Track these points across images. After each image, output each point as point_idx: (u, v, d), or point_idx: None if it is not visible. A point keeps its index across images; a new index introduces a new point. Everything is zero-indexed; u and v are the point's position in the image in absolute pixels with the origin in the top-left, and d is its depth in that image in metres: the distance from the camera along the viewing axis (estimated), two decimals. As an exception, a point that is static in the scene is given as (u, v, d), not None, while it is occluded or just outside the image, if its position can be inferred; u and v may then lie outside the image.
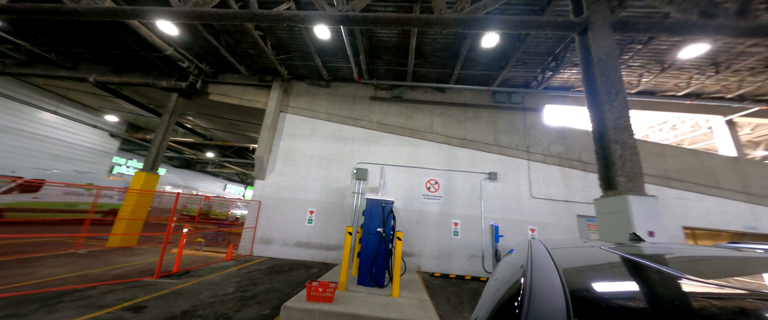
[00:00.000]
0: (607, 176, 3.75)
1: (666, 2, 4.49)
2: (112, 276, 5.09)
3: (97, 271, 5.37)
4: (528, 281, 0.57)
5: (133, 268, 5.78)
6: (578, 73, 8.61)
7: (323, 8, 4.69)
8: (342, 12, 4.66)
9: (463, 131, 9.17)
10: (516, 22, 4.58)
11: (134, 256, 6.93)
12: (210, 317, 3.65)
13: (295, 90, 9.98)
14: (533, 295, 0.49)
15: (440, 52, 8.07)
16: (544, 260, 0.71)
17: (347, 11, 4.66)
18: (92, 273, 5.25)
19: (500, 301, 0.59)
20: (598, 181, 7.81)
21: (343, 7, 4.72)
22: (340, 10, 4.67)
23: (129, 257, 6.82)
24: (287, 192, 8.76)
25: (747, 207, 8.03)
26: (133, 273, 5.43)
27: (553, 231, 7.98)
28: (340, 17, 4.65)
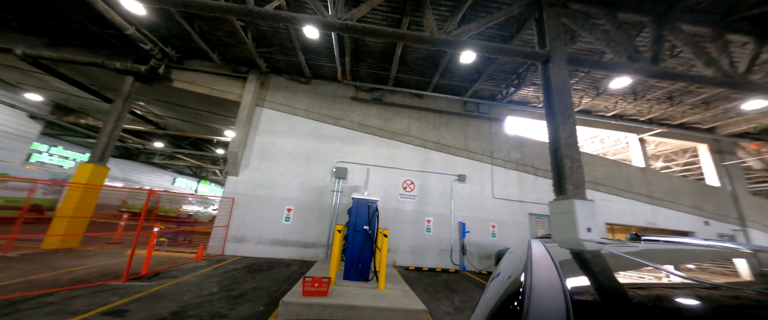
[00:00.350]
0: (559, 183, 4.66)
1: (605, 45, 5.62)
2: (68, 281, 4.59)
3: (45, 276, 4.77)
4: (528, 281, 0.58)
5: (89, 272, 5.23)
6: (535, 92, 9.95)
7: (322, 14, 4.83)
8: (341, 20, 4.86)
9: (438, 135, 9.93)
10: (493, 48, 5.30)
11: (83, 259, 6.19)
12: (204, 316, 3.64)
13: (273, 84, 9.69)
14: (533, 295, 0.50)
15: (421, 62, 8.64)
16: (544, 260, 0.72)
17: (346, 20, 4.88)
18: (40, 278, 4.66)
19: (500, 301, 0.60)
20: (546, 184, 9.14)
21: (342, 15, 4.92)
22: (340, 18, 4.87)
23: (76, 260, 6.08)
24: (263, 189, 8.55)
25: (650, 208, 10.22)
26: (91, 276, 4.94)
27: (509, 228, 9.17)
28: (340, 25, 4.85)
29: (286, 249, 8.13)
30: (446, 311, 4.57)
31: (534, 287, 0.53)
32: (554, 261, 0.69)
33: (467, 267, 8.51)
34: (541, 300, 0.47)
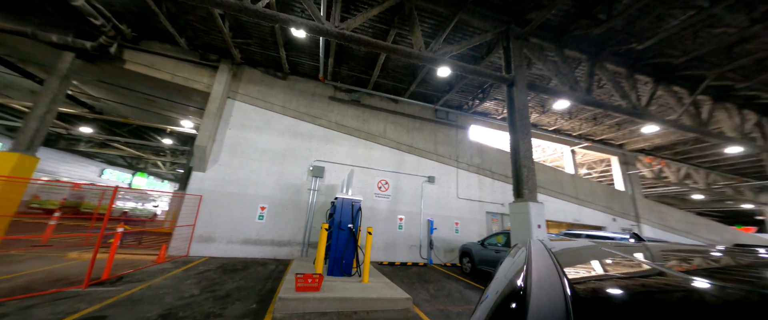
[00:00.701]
0: (518, 188, 5.63)
1: (554, 74, 6.84)
2: (9, 290, 4.01)
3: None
4: (528, 281, 0.58)
5: (31, 279, 4.58)
6: (495, 105, 11.31)
7: (320, 22, 5.00)
8: (338, 29, 5.09)
9: (411, 139, 10.63)
10: (470, 69, 6.07)
11: (11, 265, 5.31)
12: (198, 316, 3.62)
13: (246, 76, 9.25)
14: (533, 295, 0.50)
15: (401, 70, 9.19)
16: (544, 260, 0.72)
17: (343, 29, 5.13)
18: (-31, 288, 3.97)
19: (500, 301, 0.60)
20: (500, 187, 10.46)
21: (338, 24, 5.15)
22: (337, 27, 5.09)
23: (3, 267, 5.19)
24: (235, 186, 8.19)
25: (576, 207, 12.45)
26: (38, 284, 4.35)
27: (470, 225, 10.34)
28: (337, 34, 5.08)
29: (260, 248, 7.96)
30: (424, 298, 5.19)
31: (534, 287, 0.54)
32: (554, 261, 0.70)
33: (434, 260, 9.39)
34: (542, 300, 0.47)
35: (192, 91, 8.88)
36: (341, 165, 9.42)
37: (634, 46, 6.97)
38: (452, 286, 6.28)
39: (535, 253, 0.79)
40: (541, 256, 0.75)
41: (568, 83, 6.87)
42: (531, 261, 0.71)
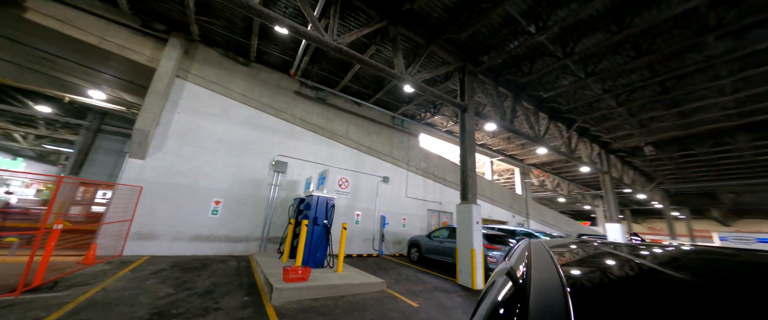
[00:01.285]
0: (464, 192, 7.25)
1: (491, 104, 8.86)
2: None
3: None
4: (528, 281, 0.58)
5: None
6: (442, 119, 13.26)
7: (321, 34, 5.36)
8: (336, 42, 5.55)
9: (370, 141, 11.51)
10: (436, 94, 7.37)
11: None
12: (195, 311, 3.68)
13: (201, 56, 8.34)
14: (533, 295, 0.50)
15: (370, 78, 9.93)
16: (544, 260, 0.73)
17: (340, 43, 5.62)
18: None
19: (501, 301, 0.60)
20: (439, 188, 12.49)
21: (336, 37, 5.60)
22: (335, 40, 5.55)
23: None
24: (184, 178, 7.44)
25: (490, 206, 15.73)
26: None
27: (415, 220, 11.97)
28: (335, 47, 5.53)
29: (213, 245, 7.50)
30: (390, 282, 6.23)
31: (534, 287, 0.54)
32: (554, 261, 0.70)
33: (384, 251, 10.59)
34: (542, 299, 0.48)
35: (124, 61, 7.50)
36: (304, 162, 9.56)
37: (541, 93, 9.66)
38: (407, 272, 7.54)
39: (535, 253, 0.80)
40: (541, 256, 0.76)
41: (499, 113, 9.02)
42: (531, 261, 0.72)
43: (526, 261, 0.74)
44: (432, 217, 12.82)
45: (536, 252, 0.83)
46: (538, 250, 0.85)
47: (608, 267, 0.77)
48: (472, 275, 6.24)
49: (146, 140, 6.94)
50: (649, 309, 0.44)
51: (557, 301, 0.46)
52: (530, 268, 0.67)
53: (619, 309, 0.46)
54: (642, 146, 13.47)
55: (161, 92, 7.21)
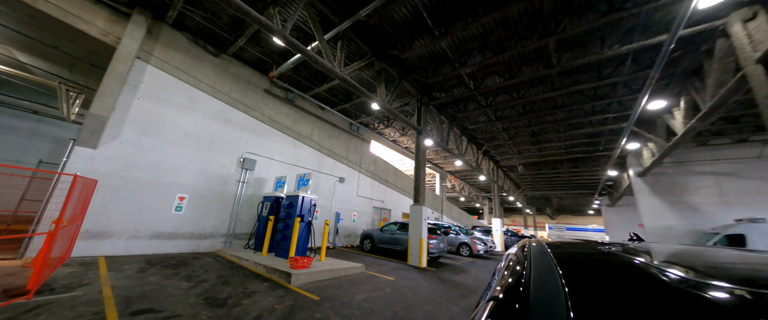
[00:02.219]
0: (416, 196, 9.55)
1: (433, 128, 11.56)
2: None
3: None
4: (528, 280, 0.59)
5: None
6: (390, 130, 15.46)
7: (332, 64, 6.45)
8: (343, 73, 6.75)
9: (331, 144, 12.55)
10: (401, 118, 9.36)
11: None
12: (238, 295, 4.41)
13: (166, 38, 7.64)
14: (533, 294, 0.51)
15: (342, 90, 11.05)
16: (543, 260, 0.73)
17: (346, 74, 6.83)
18: None
19: (501, 300, 0.60)
20: (383, 189, 14.84)
21: (342, 68, 6.79)
22: (341, 71, 6.73)
23: None
24: (144, 172, 6.88)
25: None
26: None
27: (363, 216, 13.74)
28: (341, 77, 6.71)
29: (175, 243, 7.23)
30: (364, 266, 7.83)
31: (534, 286, 0.54)
32: (554, 261, 0.71)
33: (338, 243, 11.95)
34: (542, 299, 0.48)
35: (71, 31, 6.28)
36: (272, 160, 9.88)
37: (467, 125, 13.12)
38: (367, 259, 9.29)
39: (535, 253, 0.81)
40: (540, 256, 0.77)
41: (439, 135, 11.86)
42: (531, 261, 0.73)
43: (526, 261, 0.74)
44: (376, 213, 14.89)
45: (536, 252, 0.84)
46: (537, 250, 0.86)
47: (607, 267, 0.77)
48: (420, 258, 8.58)
49: (102, 127, 6.17)
50: (648, 309, 0.44)
51: (557, 301, 0.46)
52: (530, 268, 0.67)
53: (618, 308, 0.46)
54: (517, 165, 19.47)
55: (122, 74, 6.49)
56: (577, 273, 0.67)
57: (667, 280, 0.60)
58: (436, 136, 11.62)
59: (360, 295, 4.95)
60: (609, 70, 8.12)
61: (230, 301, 4.12)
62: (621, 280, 0.66)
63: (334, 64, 6.48)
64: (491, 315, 0.55)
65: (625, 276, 0.69)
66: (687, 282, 0.57)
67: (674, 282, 0.58)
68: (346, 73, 6.91)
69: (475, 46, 7.53)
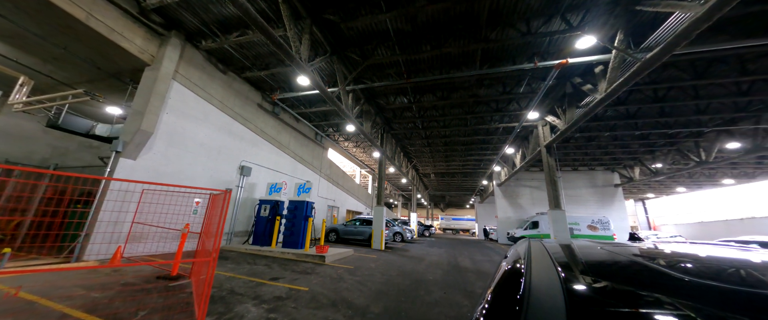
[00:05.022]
0: (378, 199, 13.21)
1: (388, 148, 15.51)
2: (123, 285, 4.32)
3: (85, 293, 3.74)
4: (527, 280, 0.59)
5: (110, 280, 4.21)
6: (345, 142, 18.36)
7: (348, 110, 9.26)
8: (354, 112, 9.64)
9: (302, 152, 14.47)
10: (371, 139, 12.81)
11: None
12: (289, 276, 6.94)
13: (188, 55, 8.34)
14: (532, 294, 0.51)
15: (322, 114, 13.34)
16: (543, 259, 0.75)
17: (357, 114, 9.74)
18: (90, 295, 3.76)
19: (500, 300, 0.61)
20: (335, 190, 18.12)
21: (354, 110, 9.68)
22: (353, 111, 9.61)
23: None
24: (170, 179, 7.71)
25: (356, 202, 22.64)
26: (135, 282, 4.47)
27: (321, 213, 16.20)
28: (353, 119, 9.59)
29: (192, 242, 8.26)
30: (346, 251, 10.90)
31: (533, 286, 0.55)
32: (553, 261, 0.72)
33: (304, 237, 14.16)
34: (541, 298, 0.49)
35: (111, 47, 6.58)
36: (260, 167, 11.32)
37: (408, 146, 17.73)
38: (342, 247, 12.30)
39: (535, 253, 0.82)
40: (540, 256, 0.78)
41: (391, 151, 15.90)
42: (531, 261, 0.73)
43: (526, 261, 0.74)
44: (329, 211, 17.57)
45: (536, 252, 0.84)
46: (537, 250, 0.86)
47: (607, 266, 0.78)
48: (381, 243, 12.34)
49: (146, 141, 6.89)
50: (648, 309, 0.45)
51: (556, 302, 0.46)
52: (530, 268, 0.67)
53: (617, 308, 0.47)
54: (430, 174, 26.02)
55: (163, 93, 7.26)
56: (577, 273, 0.69)
57: (667, 280, 0.61)
58: (389, 152, 15.60)
59: (371, 264, 8.28)
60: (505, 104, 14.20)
61: (298, 273, 6.70)
62: (621, 280, 0.67)
63: (348, 113, 9.32)
64: (492, 314, 0.57)
65: (625, 275, 0.70)
66: (688, 282, 0.57)
67: (674, 281, 0.59)
68: (353, 115, 9.80)
69: (427, 55, 7.72)
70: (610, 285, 0.61)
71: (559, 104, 9.91)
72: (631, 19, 6.08)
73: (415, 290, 5.48)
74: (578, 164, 20.16)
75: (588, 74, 8.06)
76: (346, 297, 4.70)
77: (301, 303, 4.31)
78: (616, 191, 20.69)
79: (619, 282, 0.64)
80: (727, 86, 8.73)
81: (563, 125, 9.64)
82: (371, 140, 11.82)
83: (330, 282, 5.77)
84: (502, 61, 8.08)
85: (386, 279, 6.29)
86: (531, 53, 7.64)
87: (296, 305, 4.20)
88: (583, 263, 0.81)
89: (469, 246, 16.99)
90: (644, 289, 0.57)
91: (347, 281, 5.92)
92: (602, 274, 0.71)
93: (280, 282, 5.53)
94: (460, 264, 9.25)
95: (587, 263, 0.81)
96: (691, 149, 14.09)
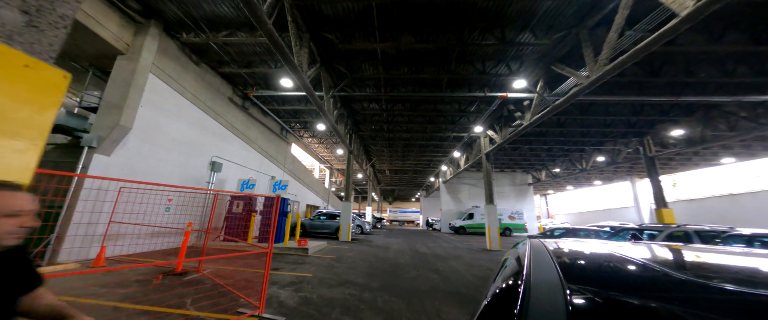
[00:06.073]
0: (346, 195, 14.23)
1: (356, 150, 16.56)
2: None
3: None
4: (527, 280, 0.59)
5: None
6: (309, 137, 18.58)
7: (330, 116, 10.05)
8: (334, 116, 10.45)
9: (268, 147, 14.36)
10: (343, 138, 13.73)
11: None
12: (290, 262, 7.71)
13: (163, 45, 7.89)
14: (532, 294, 0.50)
15: (293, 112, 13.52)
16: (543, 259, 0.74)
17: (336, 118, 10.55)
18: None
19: (500, 300, 0.60)
20: (297, 185, 18.60)
21: (334, 113, 10.47)
22: (333, 115, 10.41)
23: None
24: (144, 177, 7.37)
25: (315, 196, 22.99)
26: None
27: (283, 208, 16.30)
28: (333, 124, 10.40)
29: (166, 240, 8.02)
30: (317, 244, 11.73)
31: (533, 286, 0.54)
32: (553, 261, 0.71)
33: (268, 232, 14.26)
34: (541, 298, 0.48)
35: (83, 32, 5.99)
36: (230, 162, 11.11)
37: (371, 147, 19.04)
38: (312, 240, 12.99)
39: (535, 253, 0.82)
40: (540, 256, 0.77)
41: (358, 152, 16.97)
42: (531, 261, 0.72)
43: (527, 262, 0.74)
44: (290, 205, 17.68)
45: (536, 251, 0.83)
46: (537, 250, 0.85)
47: (608, 266, 0.77)
48: (348, 235, 13.49)
49: (123, 137, 6.55)
50: (649, 309, 0.44)
51: (557, 301, 0.46)
52: (530, 269, 0.66)
53: (618, 308, 0.46)
54: (386, 170, 27.95)
55: (142, 86, 6.92)
56: (578, 273, 0.69)
57: (668, 280, 0.60)
58: (356, 151, 16.67)
59: (349, 254, 9.45)
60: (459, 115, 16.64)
61: (292, 264, 7.51)
62: (622, 280, 0.67)
63: (331, 115, 10.12)
64: (492, 314, 0.56)
65: (626, 275, 0.69)
66: (686, 283, 0.57)
67: (673, 282, 0.59)
68: (333, 118, 10.59)
69: (405, 76, 9.08)
70: (612, 285, 0.61)
71: (497, 123, 12.63)
72: (548, 73, 8.64)
73: (395, 271, 6.96)
74: (504, 166, 24.74)
75: (520, 104, 10.72)
76: (348, 279, 5.87)
77: (315, 285, 5.32)
78: (529, 188, 26.17)
79: (620, 283, 0.65)
80: (598, 120, 12.66)
81: (500, 139, 12.39)
82: (343, 141, 12.74)
83: (325, 269, 6.80)
84: (461, 87, 10.07)
85: (369, 265, 7.61)
86: (482, 85, 9.81)
87: (312, 287, 5.20)
88: (584, 263, 0.83)
89: (419, 236, 19.48)
90: (645, 290, 0.58)
91: (339, 268, 7.02)
92: (603, 274, 0.72)
93: (282, 271, 6.32)
94: (419, 250, 11.17)
95: (588, 263, 0.83)
96: (578, 160, 19.24)
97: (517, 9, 6.48)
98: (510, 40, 7.32)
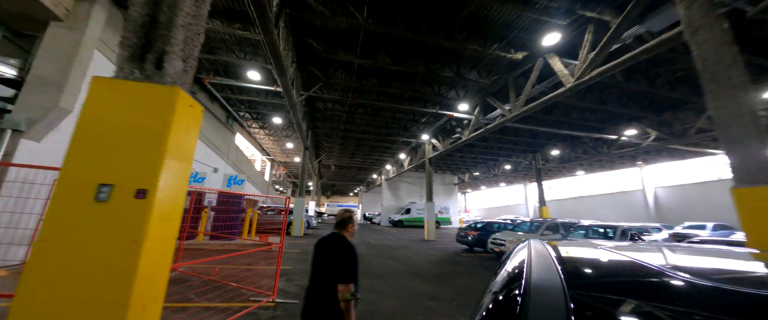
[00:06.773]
0: (300, 191, 14.35)
1: (311, 148, 16.63)
2: None
3: None
4: (528, 281, 0.59)
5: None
6: (257, 126, 17.51)
7: (296, 114, 10.27)
8: (307, 144, 10.66)
9: (213, 137, 13.15)
10: (305, 135, 13.83)
11: None
12: (255, 255, 7.92)
13: (112, 19, 6.77)
14: (533, 295, 0.50)
15: (257, 98, 12.80)
16: (544, 259, 0.74)
17: (302, 115, 10.75)
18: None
19: (500, 301, 0.60)
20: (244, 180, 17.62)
21: (299, 116, 10.68)
22: (301, 113, 10.62)
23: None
24: (78, 167, 6.31)
25: (253, 188, 21.63)
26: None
27: (224, 202, 15.10)
28: (301, 120, 10.60)
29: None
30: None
31: (534, 287, 0.54)
32: (554, 261, 0.71)
33: (209, 228, 13.13)
34: (541, 299, 0.48)
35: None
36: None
37: (324, 143, 19.24)
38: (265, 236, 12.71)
39: (535, 253, 0.82)
40: (540, 256, 0.77)
41: (313, 151, 17.02)
42: (531, 261, 0.73)
43: (527, 262, 0.74)
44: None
45: (536, 251, 0.84)
46: (537, 250, 0.86)
47: (608, 266, 0.77)
48: (301, 230, 13.75)
49: (61, 120, 5.60)
50: (649, 309, 0.44)
51: (557, 301, 0.46)
52: (531, 269, 0.66)
53: (619, 309, 0.46)
54: (331, 165, 28.27)
55: (86, 63, 5.98)
56: (578, 273, 0.69)
57: (668, 280, 0.60)
58: (312, 151, 16.75)
59: (310, 248, 10.00)
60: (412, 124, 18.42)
61: (264, 259, 7.79)
62: (623, 280, 0.67)
63: (299, 113, 10.35)
64: (492, 315, 0.56)
65: (627, 276, 0.69)
66: (687, 283, 0.57)
67: (673, 282, 0.59)
68: (301, 116, 10.77)
69: (374, 87, 10.13)
70: (613, 286, 0.62)
71: (441, 134, 15.03)
72: (484, 102, 11.16)
73: (361, 260, 8.10)
74: (437, 168, 28.54)
75: (461, 122, 13.20)
76: (328, 268, 6.72)
77: (302, 274, 6.02)
78: (455, 187, 30.88)
79: (621, 283, 0.65)
80: (511, 139, 16.56)
81: (442, 147, 14.82)
82: (304, 139, 12.94)
83: (300, 261, 7.42)
84: (419, 102, 11.80)
85: (338, 256, 8.52)
86: (435, 103, 11.76)
87: (301, 276, 5.89)
88: (585, 263, 0.83)
89: (364, 230, 20.89)
90: (646, 290, 0.58)
91: (313, 259, 7.73)
92: (606, 275, 0.72)
93: (260, 266, 6.67)
94: (371, 243, 12.53)
95: (589, 263, 0.83)
96: (492, 167, 24.14)
97: (470, 54, 8.41)
98: (462, 74, 9.32)
